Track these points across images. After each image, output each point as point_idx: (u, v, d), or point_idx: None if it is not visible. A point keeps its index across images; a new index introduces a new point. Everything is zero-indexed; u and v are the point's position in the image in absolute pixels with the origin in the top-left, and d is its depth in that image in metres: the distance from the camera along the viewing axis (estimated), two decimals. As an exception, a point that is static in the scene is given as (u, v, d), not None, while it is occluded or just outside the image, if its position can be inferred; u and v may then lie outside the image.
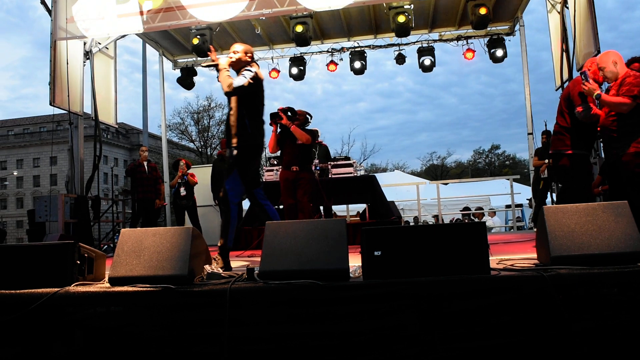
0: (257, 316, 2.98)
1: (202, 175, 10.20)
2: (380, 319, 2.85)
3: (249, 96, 4.52)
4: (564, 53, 7.77)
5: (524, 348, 2.75)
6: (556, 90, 8.33)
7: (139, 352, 3.05)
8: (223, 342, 2.87)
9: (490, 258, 3.01)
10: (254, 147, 4.63)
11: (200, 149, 41.83)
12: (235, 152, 4.51)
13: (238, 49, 4.68)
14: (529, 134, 9.86)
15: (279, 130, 6.32)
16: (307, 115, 6.58)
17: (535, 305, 2.80)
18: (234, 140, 4.51)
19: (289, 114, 6.25)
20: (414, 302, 2.83)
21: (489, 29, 10.21)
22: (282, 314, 2.96)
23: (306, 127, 6.48)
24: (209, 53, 4.84)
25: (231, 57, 4.61)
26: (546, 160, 8.48)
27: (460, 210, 14.96)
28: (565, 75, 7.72)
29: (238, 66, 4.63)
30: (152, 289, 3.08)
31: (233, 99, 4.53)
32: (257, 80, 4.51)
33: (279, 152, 6.59)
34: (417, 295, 2.83)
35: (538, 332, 2.77)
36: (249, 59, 4.70)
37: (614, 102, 4.40)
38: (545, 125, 9.01)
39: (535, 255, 3.56)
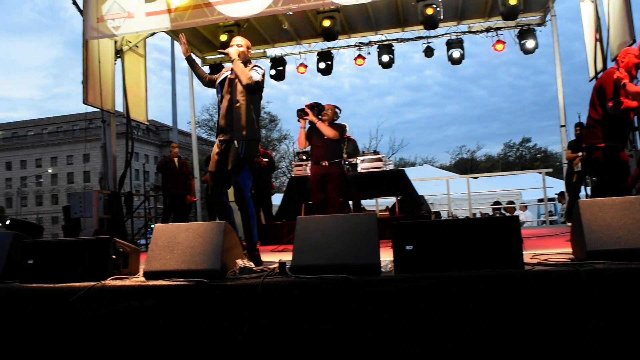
0: (288, 310, 3.00)
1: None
2: (413, 313, 2.84)
3: (257, 93, 4.62)
4: (598, 43, 7.61)
5: (562, 343, 2.71)
6: (590, 81, 8.16)
7: (171, 345, 3.09)
8: (258, 334, 2.90)
9: (523, 252, 2.98)
10: (257, 144, 4.72)
11: (229, 145, 42.03)
12: (240, 145, 4.51)
13: (242, 43, 4.73)
14: (561, 126, 9.68)
15: (307, 125, 6.33)
16: (336, 110, 6.53)
17: (569, 301, 2.75)
18: (244, 133, 4.51)
19: (316, 109, 6.24)
20: (447, 297, 2.81)
21: (519, 19, 10.03)
22: (314, 308, 2.97)
23: (335, 122, 6.46)
24: (181, 41, 4.88)
25: (238, 49, 4.68)
26: (580, 153, 8.32)
27: (491, 205, 14.76)
28: (599, 66, 7.56)
29: (242, 60, 4.67)
30: (185, 282, 3.13)
31: (241, 91, 4.55)
32: (264, 79, 4.63)
33: (309, 147, 6.60)
34: (450, 290, 2.81)
35: (574, 327, 2.73)
36: (249, 55, 4.81)
37: (634, 92, 4.31)
38: (579, 117, 8.84)
39: (570, 250, 3.50)
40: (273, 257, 4.77)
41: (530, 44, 10.29)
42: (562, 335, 2.72)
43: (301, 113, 6.24)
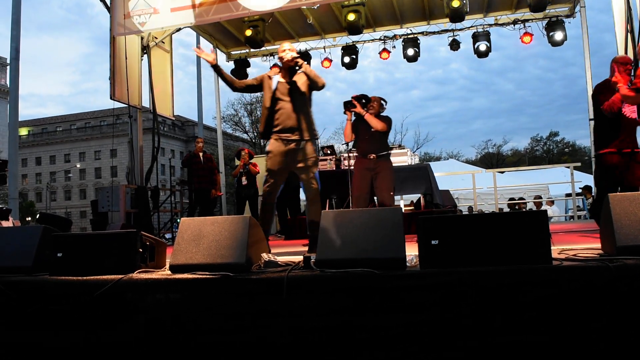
0: (313, 304, 2.99)
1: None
2: (438, 308, 2.81)
3: None
4: (629, 34, 7.42)
5: (590, 339, 2.66)
6: (620, 73, 7.98)
7: (195, 339, 3.12)
8: (281, 330, 2.91)
9: (551, 248, 2.92)
10: None
11: (253, 140, 42.32)
12: (315, 144, 4.93)
13: (293, 47, 4.98)
14: (590, 119, 9.48)
15: (353, 118, 6.18)
16: (382, 102, 6.35)
17: (600, 296, 2.69)
18: (315, 133, 4.90)
19: (363, 101, 6.09)
20: (474, 292, 2.78)
21: (547, 11, 9.86)
22: (339, 303, 2.97)
23: (381, 114, 6.25)
24: (203, 53, 4.91)
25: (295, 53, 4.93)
26: None
27: (508, 201, 14.52)
28: (630, 58, 7.37)
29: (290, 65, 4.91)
30: (211, 276, 3.15)
31: (303, 93, 4.86)
32: None
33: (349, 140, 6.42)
34: (477, 285, 2.77)
35: (603, 324, 2.67)
36: None
37: (625, 95, 4.53)
38: (608, 110, 8.64)
39: (599, 246, 3.43)
40: (298, 251, 4.78)
41: (558, 36, 10.10)
42: (587, 331, 2.67)
43: (348, 105, 6.07)
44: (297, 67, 4.86)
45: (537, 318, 2.72)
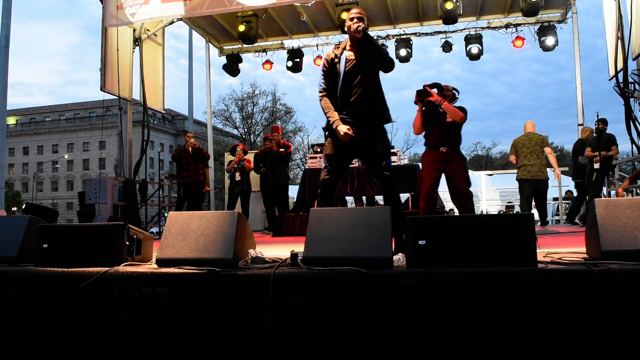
0: (299, 301, 3.00)
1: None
2: (424, 308, 2.82)
3: None
4: (619, 41, 7.49)
5: (573, 344, 2.69)
6: (609, 79, 8.05)
7: (181, 332, 3.11)
8: (267, 325, 2.91)
9: (537, 250, 2.95)
10: None
11: (244, 136, 42.21)
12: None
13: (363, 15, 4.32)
14: (579, 125, 9.58)
15: (423, 108, 5.59)
16: (454, 91, 5.86)
17: (583, 300, 2.72)
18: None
19: (436, 90, 5.56)
20: (459, 294, 2.79)
21: (539, 16, 9.93)
22: (325, 300, 2.97)
23: (455, 105, 5.68)
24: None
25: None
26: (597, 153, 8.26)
27: (506, 203, 14.61)
28: (620, 64, 7.44)
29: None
30: (197, 271, 3.14)
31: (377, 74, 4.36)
32: None
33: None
34: (463, 286, 2.79)
35: (586, 328, 2.70)
36: None
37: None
38: (597, 115, 8.70)
39: (584, 249, 3.46)
40: (285, 248, 4.77)
41: (550, 41, 10.19)
42: (570, 335, 2.70)
43: (423, 94, 5.48)
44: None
45: (521, 319, 2.74)
